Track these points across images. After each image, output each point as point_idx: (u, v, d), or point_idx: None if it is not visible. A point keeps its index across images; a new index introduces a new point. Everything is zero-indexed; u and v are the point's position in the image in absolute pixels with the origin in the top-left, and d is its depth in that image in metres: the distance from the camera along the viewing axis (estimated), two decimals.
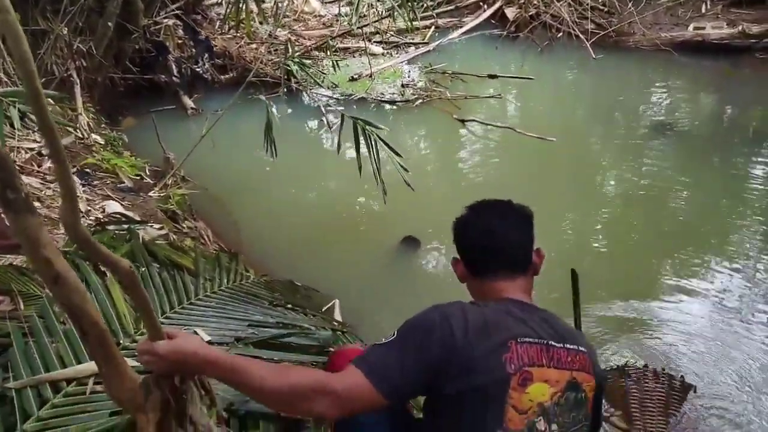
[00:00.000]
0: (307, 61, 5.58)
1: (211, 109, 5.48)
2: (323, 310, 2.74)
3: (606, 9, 6.78)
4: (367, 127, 3.40)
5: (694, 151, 4.66)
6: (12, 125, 2.67)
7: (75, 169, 3.26)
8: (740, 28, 5.96)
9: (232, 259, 2.66)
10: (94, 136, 4.12)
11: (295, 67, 5.08)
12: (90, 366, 1.54)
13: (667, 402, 2.25)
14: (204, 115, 5.43)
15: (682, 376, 2.35)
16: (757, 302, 3.03)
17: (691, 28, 6.31)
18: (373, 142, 3.37)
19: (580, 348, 1.24)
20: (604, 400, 1.59)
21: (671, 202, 3.98)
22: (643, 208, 3.92)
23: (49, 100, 3.58)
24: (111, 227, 2.53)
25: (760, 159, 4.48)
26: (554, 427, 1.17)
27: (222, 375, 1.18)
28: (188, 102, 5.52)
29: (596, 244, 3.62)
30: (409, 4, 3.82)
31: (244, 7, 4.30)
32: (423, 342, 1.14)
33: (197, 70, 5.80)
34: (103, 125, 4.60)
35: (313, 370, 1.21)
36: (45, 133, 0.91)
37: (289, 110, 5.66)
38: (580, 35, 6.36)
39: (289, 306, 2.32)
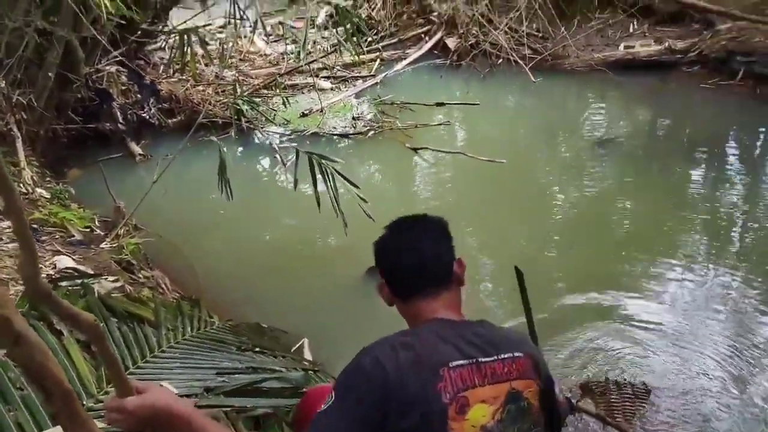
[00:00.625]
0: (257, 100, 5.59)
1: (161, 154, 5.37)
2: (292, 350, 2.71)
3: (540, 34, 7.09)
4: (323, 161, 3.41)
5: (633, 163, 4.92)
6: None
7: None
8: (666, 44, 6.34)
9: (194, 306, 2.59)
10: (39, 190, 3.98)
11: (245, 107, 5.07)
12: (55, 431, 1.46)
13: (634, 410, 2.31)
14: (154, 161, 5.35)
15: (643, 383, 2.40)
16: (703, 299, 3.18)
17: (621, 47, 6.67)
18: (329, 176, 3.38)
19: (516, 354, 1.22)
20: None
21: (614, 212, 4.18)
22: (588, 218, 4.12)
23: None
24: (64, 283, 2.43)
25: (693, 165, 4.80)
26: None
27: None
28: (136, 149, 5.41)
29: (548, 253, 3.73)
30: (354, 38, 3.89)
31: (188, 50, 4.29)
32: (360, 395, 1.13)
33: (143, 115, 5.71)
34: (48, 178, 4.45)
35: None
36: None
37: (240, 150, 5.63)
38: (519, 61, 6.61)
39: (258, 349, 2.27)
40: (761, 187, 4.56)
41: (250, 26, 7.98)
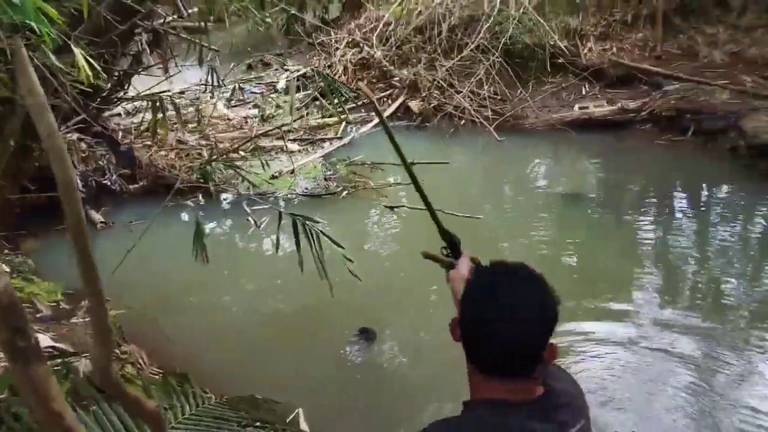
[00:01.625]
0: (226, 164, 5.49)
1: (123, 221, 5.18)
2: (288, 421, 2.52)
3: (500, 97, 7.38)
4: (307, 222, 3.33)
5: (592, 215, 5.18)
6: None
7: None
8: (619, 105, 6.71)
9: (183, 382, 2.39)
10: None
11: (218, 170, 4.96)
12: None
13: None
14: (115, 229, 5.13)
15: None
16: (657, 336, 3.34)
17: (576, 108, 7.00)
18: (315, 238, 3.29)
19: (580, 422, 1.09)
20: None
21: (570, 260, 4.38)
22: (548, 266, 4.18)
23: None
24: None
25: (646, 215, 5.11)
26: None
27: None
28: (96, 216, 5.18)
29: None
30: (336, 101, 3.91)
31: (161, 116, 4.21)
32: None
33: (104, 182, 5.52)
34: (6, 251, 4.17)
35: None
36: (85, 271, 0.80)
37: (208, 215, 5.48)
38: (483, 122, 6.83)
39: (258, 424, 2.10)
40: (710, 229, 4.85)
41: (211, 92, 8.03)
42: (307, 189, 5.50)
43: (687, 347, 3.22)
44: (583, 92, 7.31)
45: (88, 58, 3.95)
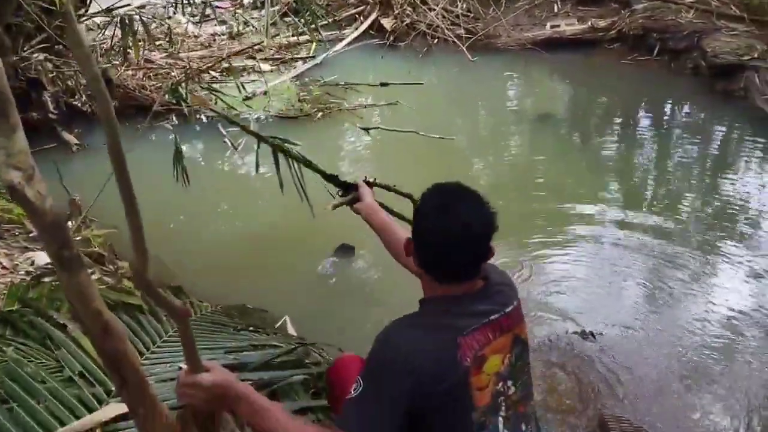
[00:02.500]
0: (205, 85, 5.45)
1: (97, 143, 5.17)
2: (276, 326, 2.78)
3: (472, 15, 7.33)
4: (285, 144, 3.44)
5: (560, 133, 5.40)
6: None
7: None
8: (589, 23, 6.76)
9: (178, 293, 2.60)
10: None
11: (189, 91, 4.94)
12: (100, 414, 1.49)
13: None
14: (90, 150, 5.13)
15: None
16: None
17: (548, 26, 7.02)
18: (293, 160, 3.41)
19: (514, 303, 1.36)
20: None
21: (538, 174, 4.58)
22: (518, 181, 4.55)
23: None
24: (46, 279, 2.37)
25: (611, 133, 5.38)
26: (510, 383, 1.33)
27: (249, 412, 1.23)
28: (71, 138, 5.16)
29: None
30: (313, 24, 3.89)
31: (130, 34, 4.15)
32: (392, 386, 1.22)
33: (74, 103, 5.45)
34: None
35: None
36: (121, 183, 0.95)
37: (177, 135, 5.49)
38: (456, 41, 6.82)
39: (251, 328, 2.34)
40: (671, 145, 5.15)
41: (172, 6, 7.74)
42: (281, 110, 5.53)
43: (646, 243, 3.59)
44: (555, 10, 7.30)
45: None
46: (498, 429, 1.29)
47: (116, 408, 1.52)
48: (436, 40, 7.08)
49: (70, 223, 3.52)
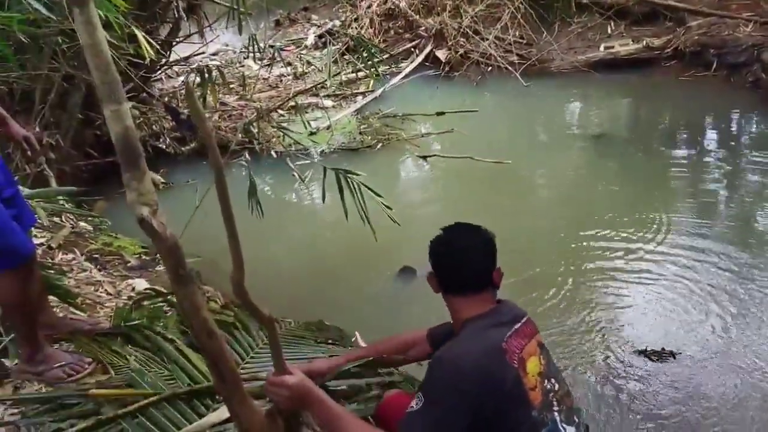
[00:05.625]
0: (275, 124, 5.89)
1: (181, 181, 5.67)
2: (352, 341, 3.01)
3: (525, 41, 7.51)
4: (348, 174, 3.73)
5: (622, 154, 5.41)
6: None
7: (84, 257, 3.40)
8: (644, 43, 6.79)
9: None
10: (81, 223, 4.24)
11: (261, 129, 5.37)
12: (208, 419, 1.76)
13: None
14: (174, 189, 5.63)
15: None
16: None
17: (602, 48, 7.10)
18: (356, 189, 3.69)
19: (525, 316, 1.57)
20: None
21: (603, 194, 4.66)
22: (579, 202, 4.61)
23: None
24: (146, 302, 2.71)
25: (675, 150, 5.34)
26: (553, 381, 1.51)
27: (325, 415, 1.45)
28: (157, 177, 5.68)
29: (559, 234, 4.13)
30: (370, 62, 4.21)
31: (209, 82, 4.61)
32: (451, 399, 1.37)
33: (160, 145, 6.01)
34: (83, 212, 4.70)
35: None
36: (224, 206, 1.22)
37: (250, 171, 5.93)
38: (509, 67, 7.02)
39: (329, 342, 2.58)
40: (736, 161, 5.07)
41: (243, 52, 8.36)
42: (343, 143, 5.88)
43: (717, 264, 3.57)
44: (609, 31, 7.37)
45: (148, 38, 4.36)
46: (557, 423, 1.45)
47: (222, 413, 1.78)
48: (490, 68, 7.30)
49: None
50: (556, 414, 1.46)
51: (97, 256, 3.48)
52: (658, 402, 2.66)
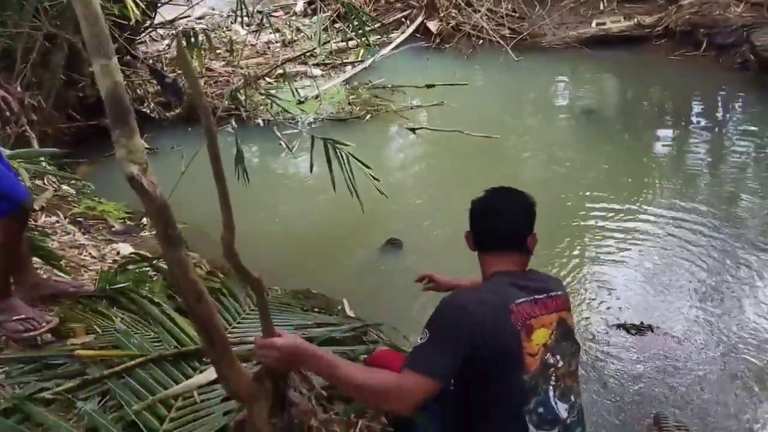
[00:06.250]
0: (263, 91, 5.80)
1: (166, 147, 5.59)
2: (338, 309, 3.04)
3: (517, 15, 7.45)
4: (337, 145, 3.70)
5: (610, 130, 5.46)
6: None
7: (67, 220, 3.36)
8: (636, 20, 6.78)
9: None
10: (64, 187, 4.17)
11: (248, 97, 5.30)
12: (195, 380, 1.77)
13: None
14: (159, 154, 5.55)
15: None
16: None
17: (593, 24, 7.07)
18: (344, 159, 3.66)
19: (558, 293, 1.61)
20: None
21: (589, 170, 4.68)
22: (565, 177, 4.64)
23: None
24: (131, 266, 2.70)
25: (662, 129, 5.43)
26: (558, 357, 1.53)
27: (319, 367, 1.47)
28: (141, 142, 5.59)
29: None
30: (361, 31, 4.14)
31: (195, 46, 4.51)
32: (452, 334, 1.45)
33: (143, 110, 5.89)
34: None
35: (388, 374, 1.45)
36: (215, 168, 1.21)
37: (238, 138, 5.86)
38: (500, 41, 6.97)
39: (316, 310, 2.60)
40: (721, 140, 5.17)
41: (230, 16, 8.18)
42: (332, 113, 5.82)
43: (700, 240, 3.63)
44: (601, 7, 7.33)
45: None
46: (549, 396, 1.49)
47: (209, 374, 1.80)
48: (481, 42, 7.24)
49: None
50: (551, 388, 1.49)
51: (80, 219, 3.44)
52: (635, 375, 2.72)
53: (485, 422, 1.50)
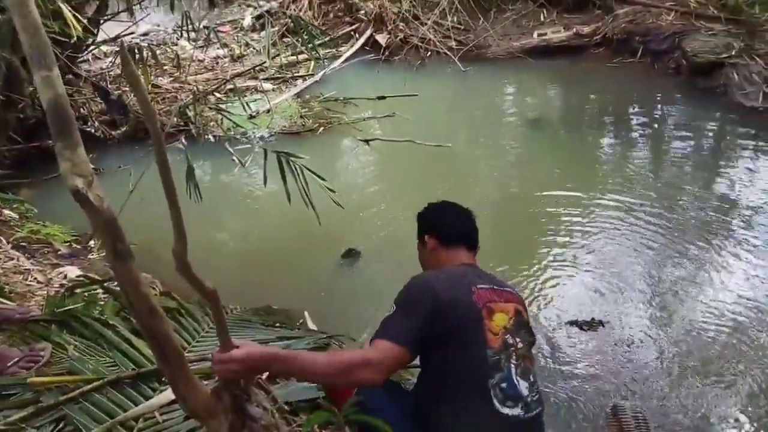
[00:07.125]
0: (213, 105, 5.72)
1: (112, 166, 5.43)
2: (299, 323, 3.01)
3: (463, 27, 7.63)
4: (290, 158, 3.68)
5: (556, 136, 5.65)
6: None
7: (10, 245, 3.22)
8: (574, 30, 7.05)
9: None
10: (6, 211, 4.00)
11: (197, 113, 5.21)
12: (156, 400, 1.72)
13: None
14: (104, 174, 5.38)
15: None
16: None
17: (535, 35, 7.31)
18: (299, 172, 3.65)
19: (511, 290, 1.76)
20: None
21: (537, 175, 4.81)
22: (518, 183, 4.79)
23: None
24: (78, 290, 2.60)
25: (605, 132, 5.68)
26: (518, 339, 1.64)
27: (284, 366, 1.48)
28: None
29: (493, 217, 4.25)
30: (311, 44, 4.15)
31: (140, 62, 4.42)
32: (419, 305, 1.57)
33: (87, 129, 5.71)
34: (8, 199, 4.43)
35: (354, 350, 1.56)
36: (164, 178, 1.19)
37: (188, 154, 5.75)
38: (447, 53, 7.11)
39: (278, 325, 2.57)
40: (658, 141, 5.44)
41: (175, 32, 8.05)
42: (284, 127, 5.80)
43: (644, 235, 3.81)
44: (542, 18, 7.60)
45: (76, 14, 4.13)
46: (511, 373, 1.57)
47: (170, 394, 1.75)
48: (429, 53, 7.37)
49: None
50: (512, 366, 1.58)
51: (24, 244, 3.31)
52: (591, 371, 2.80)
53: (452, 400, 1.55)
